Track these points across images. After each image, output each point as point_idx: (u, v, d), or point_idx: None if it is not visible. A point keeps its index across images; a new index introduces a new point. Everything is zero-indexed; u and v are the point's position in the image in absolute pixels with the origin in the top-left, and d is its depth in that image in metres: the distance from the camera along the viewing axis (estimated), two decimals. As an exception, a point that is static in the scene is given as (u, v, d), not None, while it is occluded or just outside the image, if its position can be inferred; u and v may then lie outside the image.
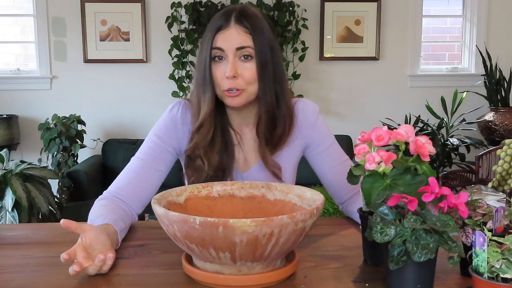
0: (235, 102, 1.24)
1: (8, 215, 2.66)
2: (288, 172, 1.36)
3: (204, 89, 1.25)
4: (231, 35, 1.21)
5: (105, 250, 0.97)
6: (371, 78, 4.24)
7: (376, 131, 0.90)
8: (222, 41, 1.22)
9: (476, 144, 3.77)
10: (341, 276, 0.94)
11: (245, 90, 1.23)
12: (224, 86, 1.22)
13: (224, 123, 1.32)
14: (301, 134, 1.35)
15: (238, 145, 1.34)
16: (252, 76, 1.23)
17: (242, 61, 1.22)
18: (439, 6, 4.42)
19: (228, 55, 1.21)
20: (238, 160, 1.34)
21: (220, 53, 1.22)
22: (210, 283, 0.89)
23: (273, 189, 1.09)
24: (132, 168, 1.28)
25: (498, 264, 0.75)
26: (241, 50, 1.21)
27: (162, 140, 1.31)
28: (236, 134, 1.33)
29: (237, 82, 1.22)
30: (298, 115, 1.35)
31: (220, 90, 1.24)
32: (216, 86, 1.24)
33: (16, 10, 4.16)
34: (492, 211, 0.91)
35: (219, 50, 1.22)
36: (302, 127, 1.35)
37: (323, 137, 1.36)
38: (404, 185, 0.87)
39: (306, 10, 4.02)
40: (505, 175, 2.76)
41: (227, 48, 1.21)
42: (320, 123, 1.37)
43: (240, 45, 1.21)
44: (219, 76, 1.23)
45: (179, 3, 3.86)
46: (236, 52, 1.21)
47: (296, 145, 1.36)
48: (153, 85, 4.09)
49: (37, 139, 3.82)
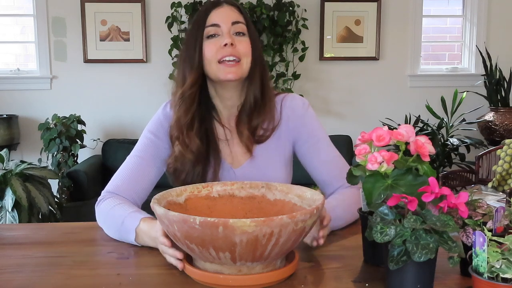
0: (232, 73, 1.25)
1: (8, 215, 2.66)
2: (278, 165, 1.34)
3: (192, 64, 1.27)
4: (225, 11, 1.27)
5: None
6: (371, 78, 4.24)
7: (377, 131, 0.90)
8: (217, 17, 1.26)
9: (476, 144, 3.76)
10: (341, 276, 0.94)
11: (240, 63, 1.25)
12: (221, 54, 1.24)
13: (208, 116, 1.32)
14: (289, 128, 1.35)
15: (226, 141, 1.34)
16: (247, 48, 1.27)
17: (236, 36, 1.27)
18: (439, 6, 4.41)
19: (223, 30, 1.25)
20: (228, 156, 1.34)
21: (215, 30, 1.26)
22: (210, 283, 0.89)
23: (273, 189, 1.09)
24: (129, 166, 1.29)
25: (498, 264, 0.75)
26: (235, 25, 1.27)
27: (157, 137, 1.32)
28: (225, 129, 1.34)
29: (235, 51, 1.25)
30: (286, 110, 1.35)
31: (214, 63, 1.25)
32: (209, 62, 1.26)
33: (16, 10, 4.16)
34: (492, 211, 0.91)
35: (214, 26, 1.26)
36: (289, 121, 1.35)
37: (311, 132, 1.34)
38: (406, 185, 0.87)
39: (306, 10, 4.02)
40: (505, 175, 2.76)
41: (223, 22, 1.26)
42: (308, 117, 1.35)
43: (235, 19, 1.27)
44: (213, 50, 1.25)
45: (179, 3, 3.86)
46: (231, 27, 1.26)
47: (283, 140, 1.35)
48: (153, 85, 4.09)
49: (37, 139, 3.82)
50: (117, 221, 1.15)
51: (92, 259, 1.07)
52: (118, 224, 1.15)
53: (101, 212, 1.23)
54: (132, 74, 4.10)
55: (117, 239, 1.17)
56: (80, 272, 0.98)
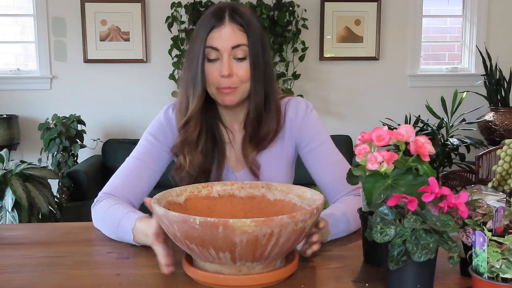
0: (229, 100, 1.24)
1: (8, 215, 2.66)
2: (280, 168, 1.34)
3: (195, 87, 1.24)
4: (226, 33, 1.21)
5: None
6: (371, 78, 4.24)
7: (377, 131, 0.90)
8: (218, 39, 1.21)
9: (476, 144, 3.77)
10: (341, 276, 0.94)
11: (238, 88, 1.24)
12: (219, 84, 1.22)
13: (213, 122, 1.32)
14: (292, 132, 1.34)
15: (230, 143, 1.34)
16: (246, 75, 1.23)
17: (236, 61, 1.23)
18: (439, 6, 4.41)
19: (223, 55, 1.21)
20: (230, 159, 1.34)
21: (215, 54, 1.22)
22: (210, 283, 0.89)
23: (273, 189, 1.09)
24: (128, 168, 1.28)
25: (498, 264, 0.75)
26: (236, 49, 1.21)
27: (158, 140, 1.31)
28: (228, 132, 1.33)
29: (232, 81, 1.22)
30: (289, 113, 1.34)
31: (213, 88, 1.24)
32: (209, 85, 1.24)
33: (16, 10, 4.16)
34: (492, 211, 0.91)
35: (214, 50, 1.21)
36: (293, 125, 1.34)
37: (314, 135, 1.33)
38: (406, 185, 0.87)
39: (306, 10, 4.02)
40: (505, 175, 2.76)
41: (223, 47, 1.21)
42: (311, 120, 1.34)
43: (236, 43, 1.21)
44: (213, 75, 1.23)
45: (179, 3, 3.86)
46: (231, 51, 1.21)
47: (287, 144, 1.35)
48: (153, 85, 4.09)
49: (37, 139, 3.82)
50: (113, 223, 1.15)
51: (92, 259, 1.07)
52: (115, 226, 1.15)
53: (97, 214, 1.23)
54: (132, 74, 4.10)
55: (115, 239, 1.17)
56: (80, 272, 0.98)
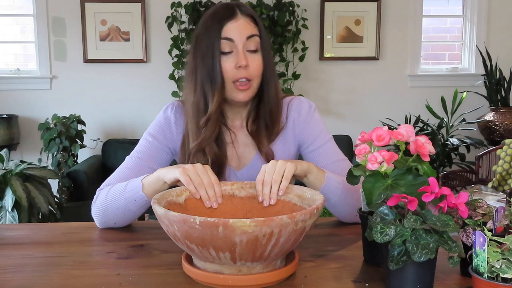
0: (245, 96, 1.25)
1: (8, 215, 2.66)
2: None
3: (213, 81, 1.24)
4: (241, 24, 1.23)
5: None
6: (371, 78, 4.24)
7: (377, 131, 0.90)
8: (233, 30, 1.22)
9: (476, 144, 3.77)
10: (341, 276, 0.94)
11: (252, 83, 1.25)
12: (236, 76, 1.22)
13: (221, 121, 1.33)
14: (295, 132, 1.35)
15: (231, 143, 1.34)
16: (259, 67, 1.25)
17: (249, 53, 1.24)
18: (439, 6, 4.41)
19: (237, 46, 1.22)
20: (232, 159, 1.34)
21: (229, 46, 1.22)
22: (210, 283, 0.89)
23: (273, 189, 1.09)
24: (128, 166, 1.29)
25: (498, 264, 0.75)
26: (249, 40, 1.23)
27: (157, 140, 1.32)
28: (230, 132, 1.34)
29: (249, 72, 1.23)
30: (292, 113, 1.35)
31: (229, 83, 1.24)
32: (225, 80, 1.24)
33: (16, 10, 4.16)
34: (492, 211, 0.91)
35: (228, 41, 1.22)
36: (295, 125, 1.35)
37: (316, 135, 1.34)
38: (406, 185, 0.87)
39: (306, 10, 4.02)
40: (505, 175, 2.76)
41: (238, 38, 1.22)
42: (314, 120, 1.35)
43: (250, 33, 1.23)
44: (228, 69, 1.23)
45: (179, 3, 3.86)
46: (245, 42, 1.23)
47: (289, 143, 1.35)
48: (153, 85, 4.09)
49: (37, 139, 3.82)
50: (119, 191, 1.17)
51: (92, 259, 1.07)
52: (121, 191, 1.17)
53: (99, 202, 1.22)
54: (132, 74, 4.10)
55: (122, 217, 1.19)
56: (80, 272, 0.98)
